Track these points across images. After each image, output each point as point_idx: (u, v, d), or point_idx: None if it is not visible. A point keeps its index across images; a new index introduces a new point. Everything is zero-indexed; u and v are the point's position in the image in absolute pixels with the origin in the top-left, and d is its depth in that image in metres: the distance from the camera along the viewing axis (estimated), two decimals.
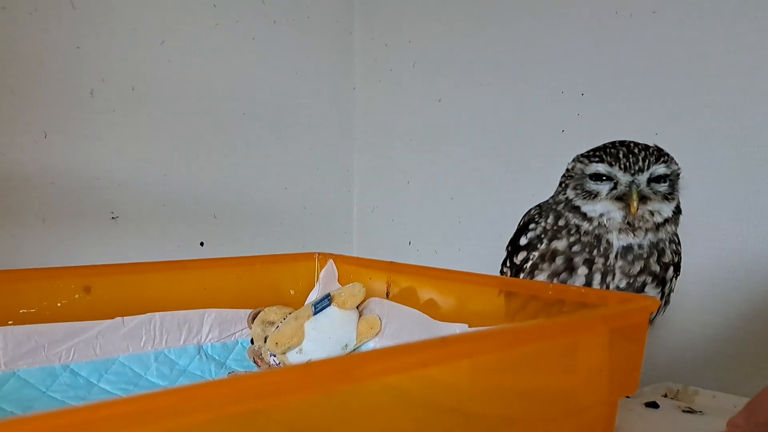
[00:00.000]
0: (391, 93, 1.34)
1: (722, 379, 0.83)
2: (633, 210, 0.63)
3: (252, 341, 0.80)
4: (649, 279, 0.65)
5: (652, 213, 0.65)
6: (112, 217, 1.05)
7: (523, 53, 1.08)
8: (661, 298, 0.67)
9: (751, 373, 0.82)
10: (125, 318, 0.74)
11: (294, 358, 0.76)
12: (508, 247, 0.76)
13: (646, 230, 0.65)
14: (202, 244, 1.16)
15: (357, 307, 0.79)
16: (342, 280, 0.86)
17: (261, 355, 0.78)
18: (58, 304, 0.71)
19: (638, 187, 0.64)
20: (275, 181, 1.27)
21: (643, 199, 0.64)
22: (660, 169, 0.65)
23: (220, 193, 1.18)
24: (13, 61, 0.95)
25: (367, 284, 0.80)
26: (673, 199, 0.66)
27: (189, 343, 0.78)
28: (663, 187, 0.65)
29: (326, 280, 0.88)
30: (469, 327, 0.67)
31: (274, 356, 0.76)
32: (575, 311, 0.55)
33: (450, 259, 1.21)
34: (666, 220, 0.66)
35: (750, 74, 0.82)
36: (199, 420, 0.30)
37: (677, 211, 0.67)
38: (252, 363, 0.79)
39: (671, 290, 0.69)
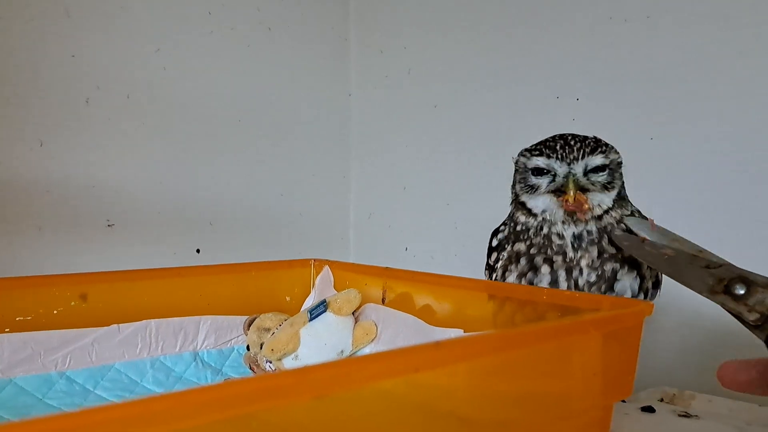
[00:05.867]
0: (386, 99, 1.34)
1: (718, 384, 0.83)
2: (570, 198, 0.63)
3: (248, 348, 0.80)
4: (618, 265, 0.65)
5: (590, 206, 0.64)
6: (108, 225, 1.05)
7: (518, 59, 1.08)
8: (643, 281, 0.66)
9: None
10: (121, 325, 0.74)
11: (290, 364, 0.76)
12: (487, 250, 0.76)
13: (587, 222, 0.65)
14: (198, 251, 1.16)
15: (353, 313, 0.79)
16: (338, 286, 0.86)
17: (257, 361, 0.78)
18: (54, 312, 0.71)
19: (575, 176, 0.64)
20: (271, 188, 1.27)
21: (582, 190, 0.64)
22: (597, 159, 0.65)
23: (216, 200, 1.18)
24: (8, 69, 0.95)
25: (362, 290, 0.80)
26: (612, 188, 0.66)
27: (185, 350, 0.78)
28: (602, 177, 0.65)
29: (322, 286, 0.88)
30: (464, 332, 0.67)
31: (270, 363, 0.76)
32: (568, 315, 0.55)
33: (446, 265, 1.22)
34: (606, 211, 0.65)
35: (745, 79, 0.83)
36: (193, 424, 0.30)
37: (619, 198, 0.67)
38: (248, 369, 0.79)
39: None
